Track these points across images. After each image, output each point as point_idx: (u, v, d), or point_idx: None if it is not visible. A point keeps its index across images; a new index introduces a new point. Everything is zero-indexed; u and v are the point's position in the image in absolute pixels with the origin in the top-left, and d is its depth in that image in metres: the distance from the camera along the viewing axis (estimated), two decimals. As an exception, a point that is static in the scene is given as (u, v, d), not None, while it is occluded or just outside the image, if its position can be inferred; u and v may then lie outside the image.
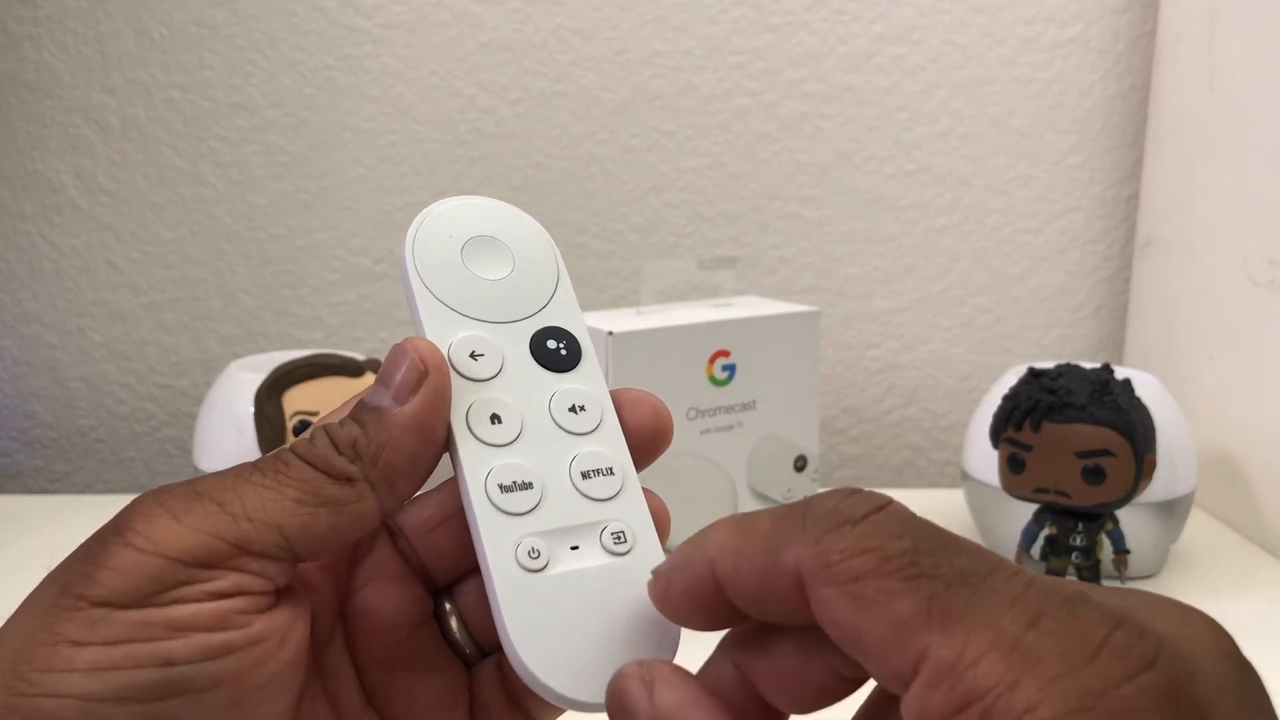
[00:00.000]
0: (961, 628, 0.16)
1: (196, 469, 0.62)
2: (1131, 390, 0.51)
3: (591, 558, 0.23)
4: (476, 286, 0.25)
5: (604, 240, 0.80)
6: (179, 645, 0.20)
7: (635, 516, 0.24)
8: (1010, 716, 0.15)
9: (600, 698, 0.21)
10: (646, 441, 0.25)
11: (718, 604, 0.20)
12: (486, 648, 0.26)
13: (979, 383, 0.82)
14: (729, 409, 0.54)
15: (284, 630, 0.21)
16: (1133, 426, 0.48)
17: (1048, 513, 0.52)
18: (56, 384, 0.82)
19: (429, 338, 0.24)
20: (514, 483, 0.23)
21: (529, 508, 0.23)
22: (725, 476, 0.55)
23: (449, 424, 0.23)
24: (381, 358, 0.65)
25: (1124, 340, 0.82)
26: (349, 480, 0.22)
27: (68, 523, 0.67)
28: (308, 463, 0.22)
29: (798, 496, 0.58)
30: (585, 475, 0.24)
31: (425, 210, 0.26)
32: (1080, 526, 0.51)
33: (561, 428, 0.24)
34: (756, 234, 0.80)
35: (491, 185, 0.79)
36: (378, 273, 0.80)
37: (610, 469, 0.24)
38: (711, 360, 0.54)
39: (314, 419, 0.55)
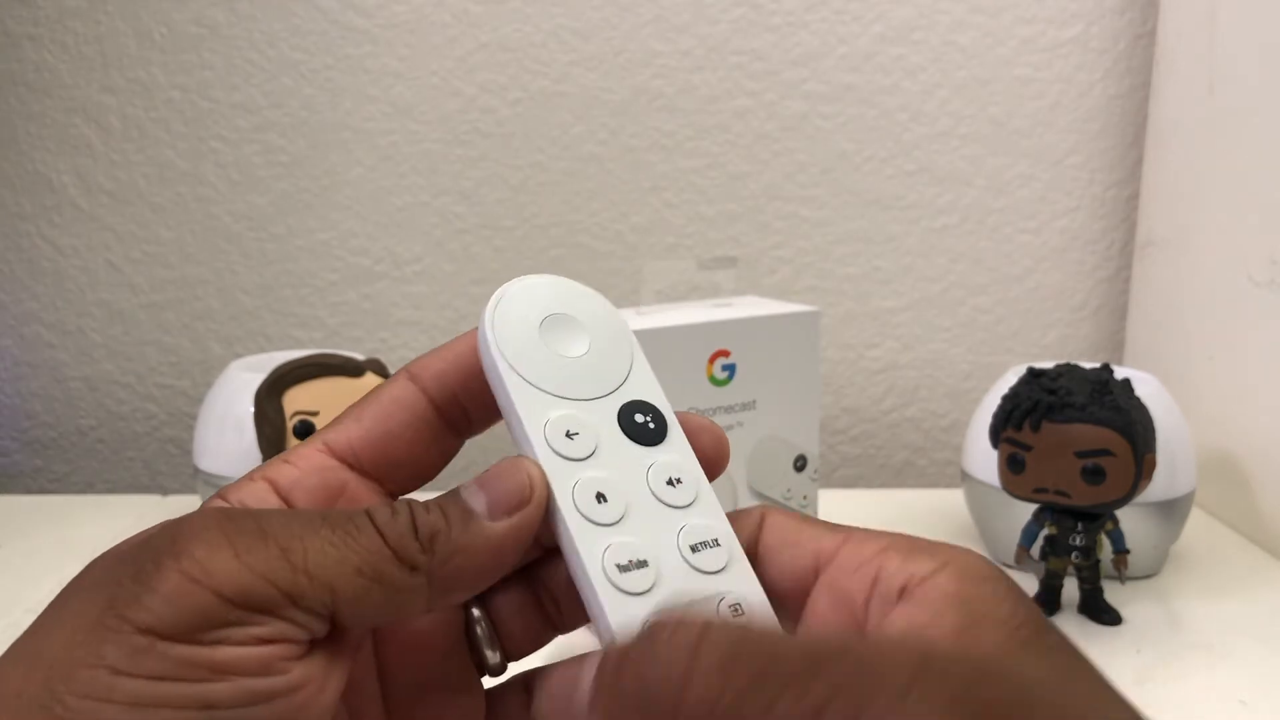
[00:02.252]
0: None
1: (196, 469, 0.62)
2: (1131, 390, 0.51)
3: None
4: (560, 365, 0.25)
5: (604, 240, 0.80)
6: (222, 689, 0.19)
7: (747, 586, 0.23)
8: None
9: None
10: (710, 468, 0.25)
11: None
12: (512, 654, 0.26)
13: (979, 383, 0.82)
14: (729, 409, 0.54)
15: (322, 678, 0.21)
16: (1132, 426, 0.48)
17: (1047, 513, 0.52)
18: (57, 384, 0.82)
19: (522, 418, 0.24)
20: (630, 561, 0.23)
21: (647, 587, 0.22)
22: (725, 476, 0.55)
23: (556, 504, 0.23)
24: (382, 358, 0.65)
25: (1124, 340, 0.82)
26: (413, 569, 0.21)
27: (68, 523, 0.67)
28: (382, 535, 0.21)
29: (798, 496, 0.58)
30: (694, 549, 0.23)
31: (496, 293, 0.25)
32: (1080, 526, 0.51)
33: (663, 502, 0.24)
34: (756, 234, 0.80)
35: (491, 185, 0.79)
36: (378, 273, 0.80)
37: (716, 540, 0.24)
38: (711, 360, 0.54)
39: (314, 419, 0.55)
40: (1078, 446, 0.49)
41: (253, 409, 0.56)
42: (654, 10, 0.77)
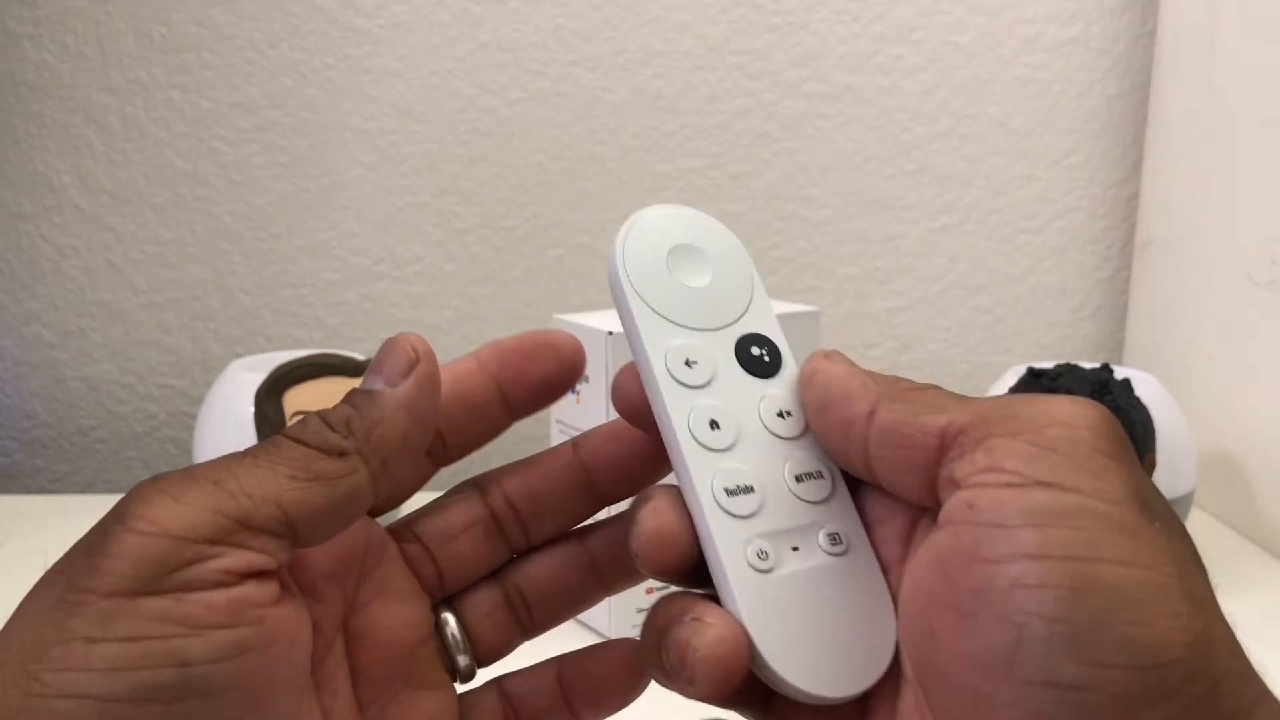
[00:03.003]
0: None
1: (192, 465, 0.62)
2: (1131, 390, 0.51)
3: (812, 558, 0.23)
4: (683, 294, 0.26)
5: (604, 240, 0.80)
6: (195, 644, 0.19)
7: (847, 518, 0.24)
8: None
9: (838, 692, 0.22)
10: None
11: None
12: (484, 661, 0.26)
13: (979, 383, 0.82)
14: (729, 409, 0.54)
15: (293, 631, 0.21)
16: (1132, 426, 0.48)
17: (1047, 513, 0.52)
18: (57, 384, 0.82)
19: (645, 344, 0.25)
20: (738, 486, 0.23)
21: (753, 510, 0.23)
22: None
23: (672, 428, 0.24)
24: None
25: (1124, 340, 0.82)
26: (341, 454, 0.22)
27: (68, 523, 0.67)
28: (300, 442, 0.22)
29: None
30: (799, 479, 0.24)
31: (629, 220, 0.26)
32: (1080, 526, 0.51)
33: (772, 433, 0.25)
34: (756, 234, 0.80)
35: (491, 185, 0.79)
36: (378, 273, 0.80)
37: (820, 472, 0.24)
38: (711, 360, 0.54)
39: (314, 419, 0.55)
40: (1078, 446, 0.49)
41: (253, 409, 0.56)
42: (654, 10, 0.77)
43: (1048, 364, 0.54)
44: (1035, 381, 0.51)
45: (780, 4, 0.77)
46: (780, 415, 0.25)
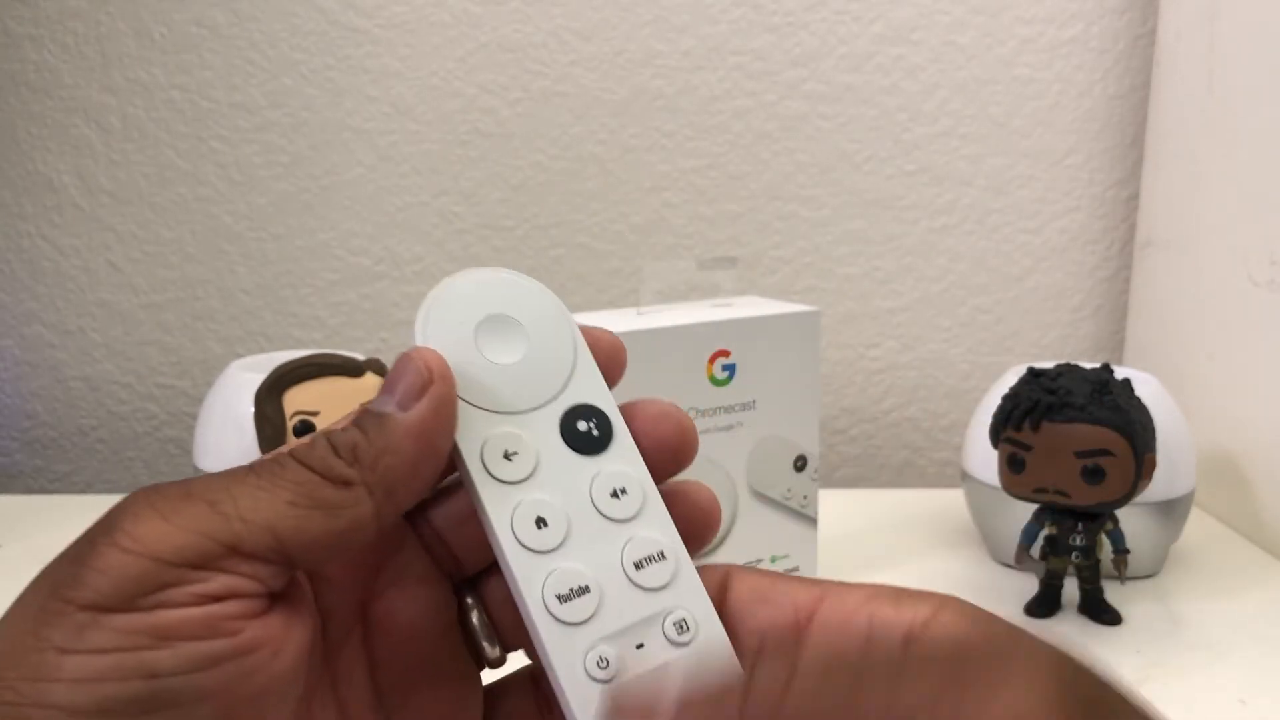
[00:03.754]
0: None
1: (197, 469, 0.62)
2: (1131, 390, 0.51)
3: (658, 653, 0.22)
4: (496, 374, 0.24)
5: (604, 240, 0.80)
6: (164, 656, 0.19)
7: (694, 599, 0.23)
8: None
9: None
10: (670, 460, 0.24)
11: None
12: (510, 644, 0.25)
13: (979, 383, 0.82)
14: (729, 409, 0.54)
15: (278, 640, 0.21)
16: (1132, 426, 0.48)
17: (1047, 512, 0.52)
18: (57, 384, 0.82)
19: (457, 440, 0.23)
20: (571, 590, 0.22)
21: (590, 614, 0.22)
22: (725, 476, 0.55)
23: (495, 533, 0.22)
24: (382, 358, 0.65)
25: (1124, 340, 0.82)
26: (346, 484, 0.21)
27: (68, 523, 0.67)
28: (304, 465, 0.21)
29: (798, 496, 0.58)
30: (638, 565, 0.23)
31: (428, 297, 0.24)
32: (1080, 526, 0.51)
33: (606, 517, 0.23)
34: (756, 234, 0.80)
35: (491, 185, 0.79)
36: (378, 273, 0.80)
37: (661, 553, 0.23)
38: (711, 360, 0.54)
39: (314, 419, 0.55)
40: (1078, 446, 0.49)
41: (253, 409, 0.56)
42: (654, 10, 0.77)
43: (1048, 364, 0.54)
44: (1035, 382, 0.51)
45: (780, 4, 0.77)
46: (615, 495, 0.23)
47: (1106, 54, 0.78)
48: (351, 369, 0.57)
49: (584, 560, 0.22)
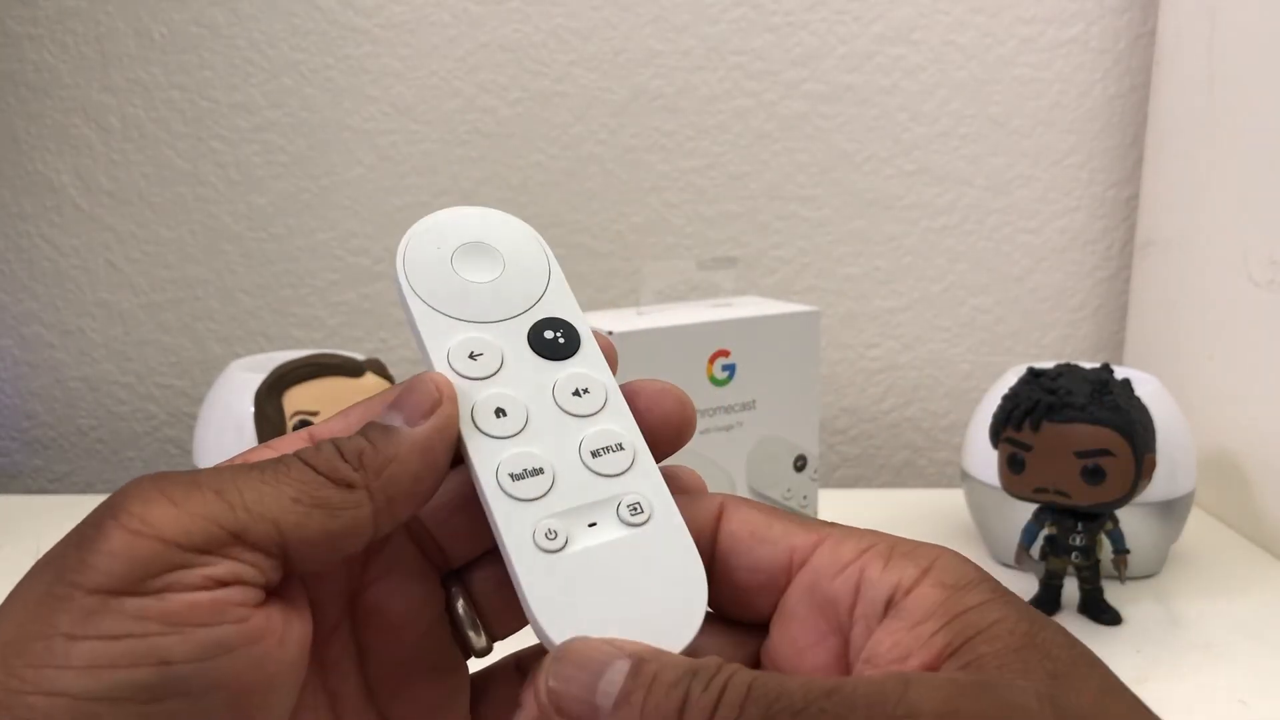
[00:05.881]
0: None
1: (196, 469, 0.62)
2: (1131, 390, 0.51)
3: (610, 532, 0.23)
4: (469, 290, 0.25)
5: (604, 240, 0.80)
6: (176, 642, 0.19)
7: (650, 486, 0.24)
8: None
9: None
10: (673, 433, 0.25)
11: None
12: (498, 636, 0.26)
13: (979, 383, 0.82)
14: (729, 409, 0.54)
15: (281, 629, 0.21)
16: (1132, 426, 0.48)
17: (1048, 512, 0.52)
18: (57, 384, 0.82)
19: (427, 345, 0.24)
20: (524, 470, 0.23)
21: (542, 492, 0.23)
22: (725, 476, 0.55)
23: (459, 434, 0.23)
24: (381, 358, 0.65)
25: (1124, 340, 0.82)
26: (349, 486, 0.22)
27: (68, 523, 0.67)
28: (310, 466, 0.22)
29: (798, 496, 0.58)
30: (595, 454, 0.24)
31: (411, 227, 0.26)
32: (1080, 526, 0.51)
33: (567, 412, 0.24)
34: (756, 234, 0.80)
35: (492, 185, 0.79)
36: (378, 273, 0.80)
37: (619, 444, 0.24)
38: (711, 360, 0.54)
39: (314, 419, 0.55)
40: (1078, 446, 0.49)
41: (253, 409, 0.56)
42: (654, 10, 0.77)
43: (1048, 364, 0.54)
44: (1035, 382, 0.51)
45: (780, 4, 0.77)
46: (576, 394, 0.25)
47: (1106, 54, 0.78)
48: (351, 369, 0.57)
49: (541, 445, 0.24)
